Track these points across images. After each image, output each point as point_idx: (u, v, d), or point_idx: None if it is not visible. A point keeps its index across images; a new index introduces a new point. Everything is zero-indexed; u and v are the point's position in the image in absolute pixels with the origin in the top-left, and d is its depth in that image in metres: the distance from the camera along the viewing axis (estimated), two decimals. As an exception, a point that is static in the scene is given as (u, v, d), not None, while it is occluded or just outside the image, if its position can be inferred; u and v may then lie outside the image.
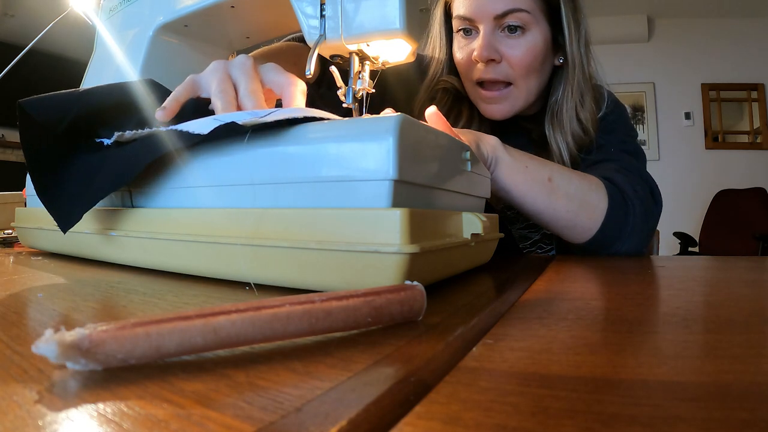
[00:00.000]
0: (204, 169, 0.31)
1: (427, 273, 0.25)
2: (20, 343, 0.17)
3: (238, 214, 0.28)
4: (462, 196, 0.34)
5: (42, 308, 0.23)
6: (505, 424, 0.11)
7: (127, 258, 0.36)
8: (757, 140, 3.50)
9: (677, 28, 3.33)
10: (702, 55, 3.41)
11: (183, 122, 0.31)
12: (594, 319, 0.22)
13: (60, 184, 0.34)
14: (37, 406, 0.12)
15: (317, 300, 0.17)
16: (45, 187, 0.33)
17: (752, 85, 3.50)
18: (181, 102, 0.36)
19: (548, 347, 0.17)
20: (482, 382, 0.14)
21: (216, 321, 0.15)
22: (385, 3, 0.35)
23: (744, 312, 0.24)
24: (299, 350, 0.17)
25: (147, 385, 0.13)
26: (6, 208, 0.74)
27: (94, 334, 0.13)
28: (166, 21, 0.45)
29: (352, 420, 0.11)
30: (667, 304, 0.26)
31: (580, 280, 0.36)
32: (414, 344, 0.17)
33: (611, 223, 0.51)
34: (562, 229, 0.53)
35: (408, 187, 0.25)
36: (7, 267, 0.39)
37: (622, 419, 0.11)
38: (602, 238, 0.52)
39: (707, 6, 3.28)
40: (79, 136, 0.36)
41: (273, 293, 0.26)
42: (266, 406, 0.12)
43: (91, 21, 0.53)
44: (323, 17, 0.38)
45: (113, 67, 0.48)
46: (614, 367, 0.15)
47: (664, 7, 3.22)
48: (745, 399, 0.12)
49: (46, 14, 0.89)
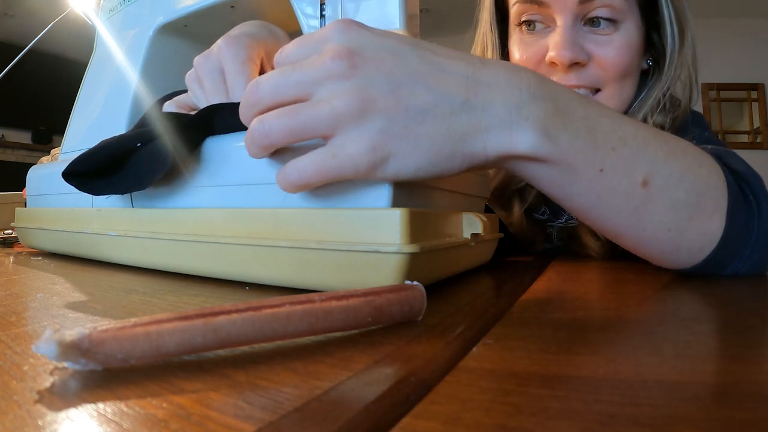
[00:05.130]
0: (204, 169, 0.31)
1: (427, 273, 0.25)
2: (20, 343, 0.17)
3: (238, 214, 0.28)
4: (462, 196, 0.34)
5: (42, 308, 0.23)
6: (505, 424, 0.11)
7: (127, 258, 0.36)
8: (757, 140, 3.50)
9: (677, 28, 3.33)
10: (702, 55, 3.41)
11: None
12: (594, 319, 0.22)
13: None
14: (37, 406, 0.12)
15: (317, 300, 0.17)
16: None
17: (752, 85, 3.51)
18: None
19: (548, 347, 0.17)
20: (482, 382, 0.14)
21: (216, 321, 0.15)
22: (385, 3, 0.35)
23: (744, 312, 0.24)
24: (299, 350, 0.17)
25: (147, 385, 0.13)
26: (6, 208, 0.74)
27: (94, 334, 0.13)
28: (166, 21, 0.45)
29: (352, 420, 0.11)
30: (667, 304, 0.26)
31: (580, 280, 0.36)
32: (414, 344, 0.17)
33: (731, 236, 0.30)
34: (654, 255, 0.32)
35: (408, 187, 0.25)
36: (7, 267, 0.39)
37: (622, 419, 0.11)
38: (715, 260, 0.31)
39: (707, 6, 3.28)
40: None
41: (273, 293, 0.26)
42: (266, 406, 0.12)
43: (91, 21, 0.53)
44: (323, 17, 0.38)
45: (113, 67, 0.48)
46: (614, 367, 0.15)
47: (664, 7, 3.21)
48: (745, 399, 0.12)
49: (46, 14, 0.89)
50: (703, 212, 0.29)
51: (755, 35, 3.42)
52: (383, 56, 0.23)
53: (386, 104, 0.22)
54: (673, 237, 0.29)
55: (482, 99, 0.23)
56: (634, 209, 0.28)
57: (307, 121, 0.22)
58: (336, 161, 0.22)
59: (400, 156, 0.23)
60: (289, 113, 0.23)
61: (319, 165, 0.23)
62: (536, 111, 0.24)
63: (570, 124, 0.25)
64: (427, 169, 0.23)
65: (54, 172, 0.45)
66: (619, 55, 0.46)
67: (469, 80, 0.23)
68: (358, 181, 0.25)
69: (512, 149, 0.24)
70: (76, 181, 0.33)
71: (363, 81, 0.22)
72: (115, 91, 0.46)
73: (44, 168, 0.50)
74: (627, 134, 0.27)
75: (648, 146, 0.27)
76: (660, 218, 0.28)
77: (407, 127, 0.22)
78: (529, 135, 0.24)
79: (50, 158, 0.68)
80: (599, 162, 0.26)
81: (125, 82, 0.45)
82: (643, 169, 0.27)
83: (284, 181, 0.24)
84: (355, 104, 0.22)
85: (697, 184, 0.29)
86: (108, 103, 0.46)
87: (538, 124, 0.24)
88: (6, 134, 3.85)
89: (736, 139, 3.53)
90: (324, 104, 0.22)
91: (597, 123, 0.26)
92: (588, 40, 0.46)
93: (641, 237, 0.30)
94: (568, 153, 0.25)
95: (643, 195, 0.27)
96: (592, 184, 0.27)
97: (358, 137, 0.22)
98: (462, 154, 0.23)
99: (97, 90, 0.49)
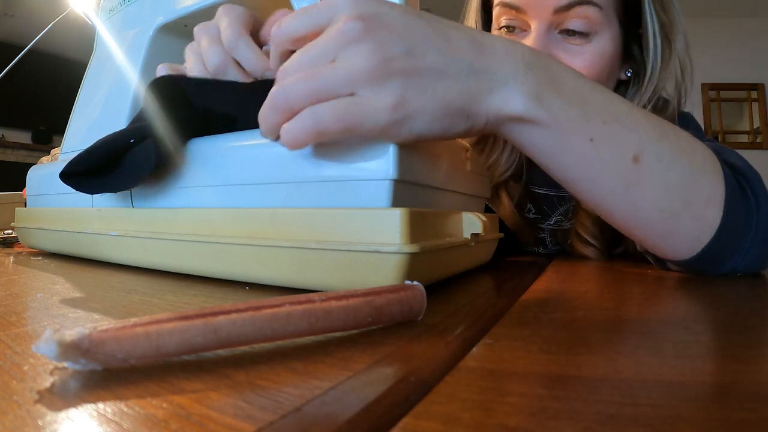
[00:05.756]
0: (204, 169, 0.31)
1: (427, 273, 0.25)
2: (20, 343, 0.17)
3: (238, 214, 0.28)
4: (462, 196, 0.34)
5: (42, 308, 0.23)
6: (505, 424, 0.11)
7: (127, 258, 0.36)
8: (757, 140, 3.50)
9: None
10: (702, 55, 3.41)
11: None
12: (594, 319, 0.22)
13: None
14: (37, 406, 0.12)
15: (317, 300, 0.17)
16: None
17: (752, 85, 3.51)
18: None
19: (548, 347, 0.17)
20: (482, 382, 0.14)
21: (216, 321, 0.15)
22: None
23: (744, 312, 0.24)
24: (299, 350, 0.17)
25: (147, 385, 0.13)
26: (6, 208, 0.74)
27: (94, 334, 0.13)
28: (166, 21, 0.45)
29: (352, 420, 0.11)
30: (667, 304, 0.26)
31: (580, 280, 0.36)
32: (414, 344, 0.17)
33: (729, 228, 0.30)
34: (648, 237, 0.32)
35: (408, 187, 0.25)
36: (7, 267, 0.39)
37: (622, 419, 0.11)
38: (714, 252, 0.31)
39: (707, 6, 3.29)
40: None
41: (273, 293, 0.26)
42: (266, 406, 0.12)
43: (91, 21, 0.53)
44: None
45: (113, 67, 0.48)
46: (614, 367, 0.15)
47: (664, 7, 3.21)
48: (745, 399, 0.12)
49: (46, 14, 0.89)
50: (697, 197, 0.29)
51: (755, 35, 3.42)
52: (394, 23, 0.24)
53: (403, 65, 0.23)
54: (666, 218, 0.30)
55: (484, 63, 0.25)
56: (626, 187, 0.28)
57: (327, 80, 0.23)
58: (358, 109, 0.23)
59: (417, 115, 0.24)
60: (308, 76, 0.23)
61: (340, 111, 0.23)
62: (531, 77, 0.25)
63: (563, 94, 0.26)
64: (438, 127, 0.24)
65: (54, 172, 0.45)
66: (588, 66, 0.46)
67: (472, 46, 0.25)
68: (358, 181, 0.25)
69: (507, 111, 0.25)
70: (73, 181, 0.33)
71: (379, 43, 0.23)
72: (115, 91, 0.46)
73: (44, 168, 0.50)
74: (619, 111, 0.28)
75: (639, 125, 0.28)
76: (653, 198, 0.29)
77: (424, 86, 0.23)
78: (523, 98, 0.25)
79: (50, 158, 0.68)
80: (590, 132, 0.27)
81: (125, 82, 0.45)
82: (634, 145, 0.28)
83: (296, 128, 0.23)
84: (373, 63, 0.22)
85: (690, 168, 0.29)
86: (108, 103, 0.46)
87: (532, 89, 0.25)
88: (6, 134, 3.85)
89: (736, 139, 3.53)
90: (342, 64, 0.23)
91: (590, 96, 0.27)
92: (560, 48, 0.46)
93: (635, 217, 0.30)
94: (559, 118, 0.26)
95: (635, 171, 0.28)
96: (583, 154, 0.27)
97: (381, 94, 0.23)
98: (467, 113, 0.25)
99: (97, 90, 0.49)
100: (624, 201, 0.29)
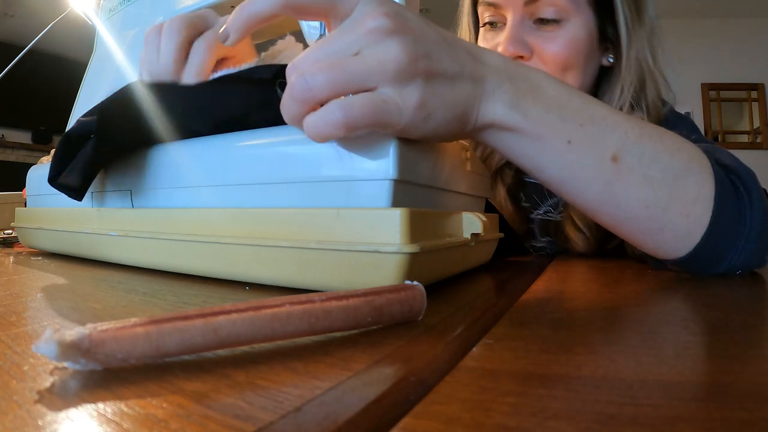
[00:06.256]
0: (204, 169, 0.31)
1: (427, 273, 0.25)
2: (20, 343, 0.17)
3: (238, 214, 0.28)
4: (462, 196, 0.34)
5: (42, 308, 0.23)
6: (505, 424, 0.11)
7: (127, 258, 0.36)
8: (757, 140, 3.50)
9: (677, 28, 3.33)
10: (702, 55, 3.41)
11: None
12: (594, 319, 0.22)
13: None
14: (37, 406, 0.12)
15: (317, 300, 0.17)
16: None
17: (752, 85, 3.51)
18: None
19: (548, 347, 0.17)
20: (482, 382, 0.14)
21: (216, 321, 0.15)
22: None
23: (744, 312, 0.24)
24: (299, 350, 0.17)
25: (147, 385, 0.13)
26: (6, 208, 0.74)
27: (94, 334, 0.13)
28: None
29: (352, 420, 0.11)
30: (667, 304, 0.26)
31: (580, 280, 0.36)
32: (414, 344, 0.17)
33: (722, 224, 0.30)
34: (635, 234, 0.32)
35: (408, 187, 0.25)
36: (7, 267, 0.39)
37: (622, 419, 0.11)
38: (707, 250, 0.31)
39: (707, 6, 3.29)
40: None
41: (273, 293, 0.26)
42: (266, 406, 0.12)
43: (91, 21, 0.53)
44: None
45: (113, 67, 0.48)
46: (614, 367, 0.15)
47: (664, 7, 3.22)
48: (745, 399, 0.12)
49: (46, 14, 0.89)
50: (683, 193, 0.30)
51: (755, 35, 3.42)
52: (415, 25, 0.24)
53: (426, 66, 0.24)
54: (652, 214, 0.30)
55: (479, 73, 0.26)
56: (605, 183, 0.29)
57: (354, 72, 0.23)
58: (386, 106, 0.23)
59: (432, 116, 0.24)
60: (333, 66, 0.23)
61: (369, 105, 0.22)
62: (511, 88, 0.27)
63: (541, 101, 0.27)
64: (444, 130, 0.25)
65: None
66: (561, 50, 0.49)
67: (469, 56, 0.26)
68: (358, 181, 0.25)
69: (491, 118, 0.27)
70: (59, 185, 0.34)
71: (408, 42, 0.23)
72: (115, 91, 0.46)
73: (44, 168, 0.50)
74: (596, 114, 0.29)
75: (618, 127, 0.29)
76: (635, 194, 0.29)
77: (440, 89, 0.24)
78: (502, 106, 0.27)
79: (50, 158, 0.68)
80: (567, 134, 0.28)
81: (125, 82, 0.45)
82: (612, 146, 0.28)
83: (323, 121, 0.23)
84: (405, 60, 0.23)
85: (673, 166, 0.30)
86: (108, 103, 0.46)
87: (511, 97, 0.27)
88: (6, 134, 3.85)
89: (736, 139, 3.53)
90: (370, 58, 0.23)
91: (568, 102, 0.28)
92: (535, 36, 0.50)
93: (616, 213, 0.30)
94: (536, 123, 0.27)
95: (614, 170, 0.29)
96: (561, 156, 0.28)
97: (405, 92, 0.23)
98: (465, 119, 0.26)
99: (97, 90, 0.49)
100: (606, 197, 0.29)
